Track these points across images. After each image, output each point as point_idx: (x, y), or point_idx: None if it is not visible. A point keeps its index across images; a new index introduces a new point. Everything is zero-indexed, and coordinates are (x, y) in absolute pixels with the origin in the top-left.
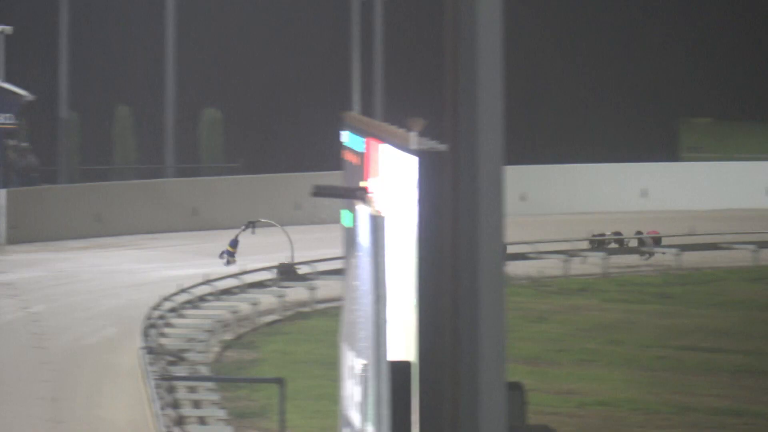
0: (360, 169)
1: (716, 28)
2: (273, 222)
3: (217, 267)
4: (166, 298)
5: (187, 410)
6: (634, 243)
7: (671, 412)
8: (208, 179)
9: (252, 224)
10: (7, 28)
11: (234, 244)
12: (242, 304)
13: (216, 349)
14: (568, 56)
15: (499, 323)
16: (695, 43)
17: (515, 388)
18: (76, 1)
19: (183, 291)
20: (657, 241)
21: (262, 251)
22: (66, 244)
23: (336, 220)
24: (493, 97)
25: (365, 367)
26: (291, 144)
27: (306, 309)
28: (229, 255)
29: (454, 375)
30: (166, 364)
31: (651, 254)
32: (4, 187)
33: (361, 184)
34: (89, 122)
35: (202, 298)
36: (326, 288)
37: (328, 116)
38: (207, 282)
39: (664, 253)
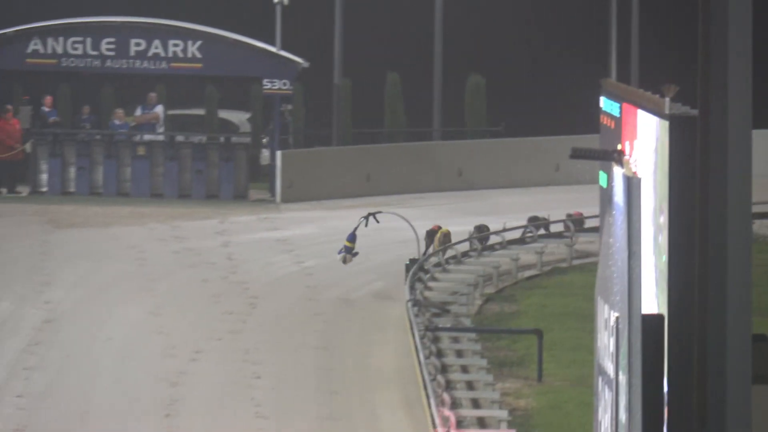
0: (616, 133)
1: None
2: (395, 213)
3: (488, 221)
4: (431, 254)
5: (450, 359)
6: None
7: None
8: (472, 142)
9: (371, 215)
10: None
11: (352, 238)
12: (503, 259)
13: (478, 302)
14: None
15: (745, 278)
16: None
17: (760, 339)
18: None
19: (447, 247)
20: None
21: (519, 210)
22: (337, 203)
23: (593, 181)
24: (743, 65)
25: (618, 320)
26: (550, 109)
27: (563, 264)
28: (347, 251)
29: (703, 328)
30: (430, 315)
31: None
32: (279, 149)
33: (617, 147)
34: (360, 88)
35: (464, 254)
36: (583, 245)
37: (586, 82)
38: (471, 237)
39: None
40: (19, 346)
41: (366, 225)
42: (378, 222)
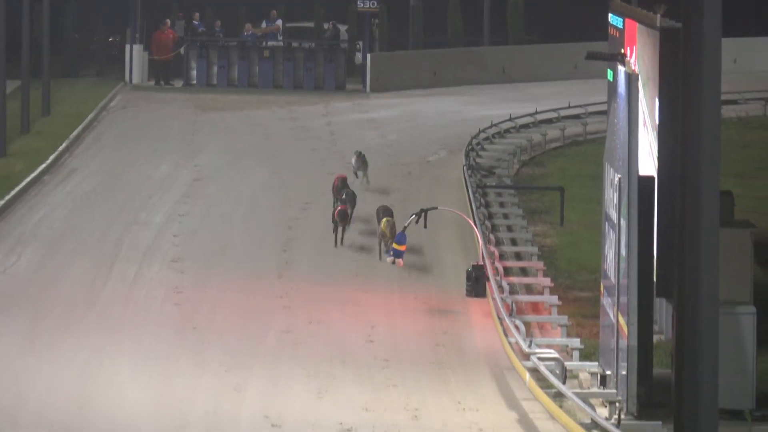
0: (620, 40)
1: None
2: (451, 208)
3: (518, 109)
4: (482, 130)
5: (494, 209)
6: None
7: None
8: (512, 47)
9: (423, 213)
10: None
11: (401, 240)
12: (535, 135)
13: (516, 166)
14: None
15: (714, 150)
16: None
17: (726, 194)
18: None
19: (492, 125)
20: None
21: (547, 98)
22: (412, 92)
23: (602, 76)
24: None
25: (620, 180)
26: (572, 20)
27: (580, 138)
28: (397, 255)
29: (683, 186)
30: (480, 176)
31: None
32: (369, 52)
33: (621, 50)
34: (430, 6)
35: (507, 131)
36: (595, 124)
37: (598, 3)
38: (510, 119)
39: None
40: (174, 198)
41: (417, 222)
42: (424, 225)
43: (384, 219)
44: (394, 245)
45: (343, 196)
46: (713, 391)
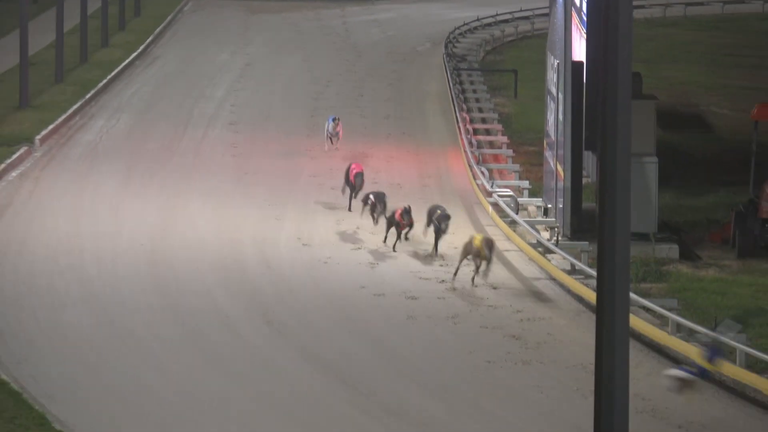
0: None
1: None
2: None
3: (483, 12)
4: (457, 28)
5: (466, 86)
6: None
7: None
8: None
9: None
10: None
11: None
12: (496, 32)
13: (482, 54)
14: None
15: (627, 41)
16: None
17: (636, 75)
18: None
19: (464, 24)
20: None
21: (504, 3)
22: (405, 1)
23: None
24: None
25: (558, 64)
26: None
27: (529, 34)
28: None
29: (605, 70)
30: (457, 62)
31: None
32: None
33: None
34: None
35: (474, 29)
36: (540, 23)
37: None
38: (477, 20)
39: None
40: (231, 78)
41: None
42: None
43: (478, 237)
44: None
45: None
46: (626, 219)
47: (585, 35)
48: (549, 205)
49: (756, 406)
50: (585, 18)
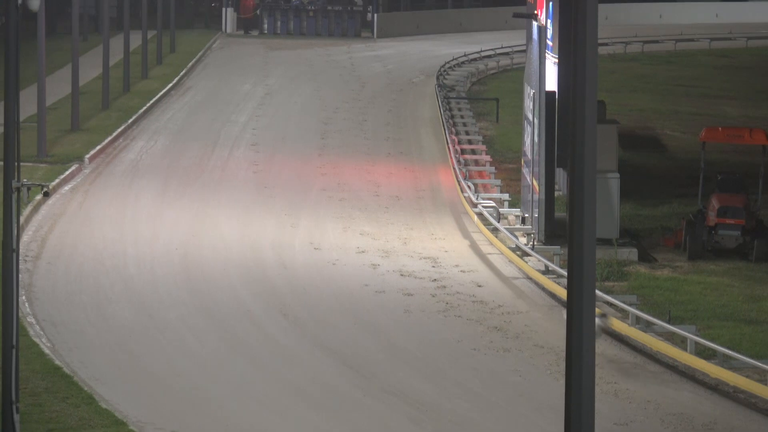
0: (534, 4)
1: None
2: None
3: (469, 49)
4: (447, 62)
5: (455, 112)
6: None
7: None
8: (467, 9)
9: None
10: None
11: None
12: (480, 66)
13: (468, 85)
14: None
15: (593, 73)
16: None
17: (601, 103)
18: None
19: (453, 59)
20: None
21: (490, 41)
22: (403, 39)
23: (523, 28)
24: None
25: (534, 94)
26: None
27: (509, 68)
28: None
29: (572, 97)
30: (447, 91)
31: None
32: (376, 12)
33: (535, 11)
34: None
35: (462, 63)
36: (518, 58)
37: None
38: (465, 55)
39: None
40: (253, 105)
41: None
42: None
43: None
44: None
45: None
46: (592, 227)
47: (557, 69)
48: (526, 215)
49: (704, 387)
50: (558, 54)
